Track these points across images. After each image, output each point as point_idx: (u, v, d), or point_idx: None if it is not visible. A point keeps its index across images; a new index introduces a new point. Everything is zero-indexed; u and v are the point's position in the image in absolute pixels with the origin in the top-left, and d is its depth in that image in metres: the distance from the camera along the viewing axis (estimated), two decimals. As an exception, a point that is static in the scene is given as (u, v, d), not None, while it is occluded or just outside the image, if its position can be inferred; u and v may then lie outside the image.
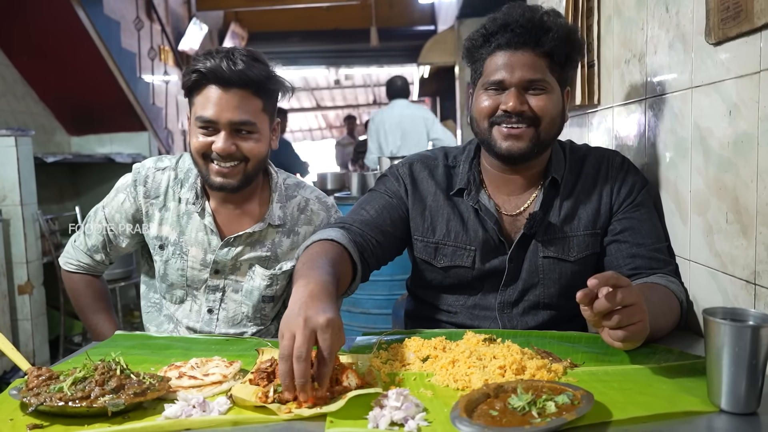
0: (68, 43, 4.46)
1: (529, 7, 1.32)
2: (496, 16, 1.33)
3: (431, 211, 1.44)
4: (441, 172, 1.47)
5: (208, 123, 1.40)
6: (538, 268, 1.39)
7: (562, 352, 1.15)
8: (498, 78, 1.30)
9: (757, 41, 1.04)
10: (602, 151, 1.46)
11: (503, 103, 1.30)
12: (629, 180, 1.40)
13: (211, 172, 1.44)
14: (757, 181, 1.06)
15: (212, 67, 1.38)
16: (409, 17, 10.48)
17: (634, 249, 1.34)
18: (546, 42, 1.28)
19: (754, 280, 1.08)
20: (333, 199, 1.66)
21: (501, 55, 1.30)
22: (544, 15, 1.30)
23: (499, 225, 1.40)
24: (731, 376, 0.86)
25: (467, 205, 1.42)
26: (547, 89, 1.31)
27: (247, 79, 1.39)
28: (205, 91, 1.40)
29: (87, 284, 1.67)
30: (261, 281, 1.55)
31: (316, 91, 15.20)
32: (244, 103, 1.40)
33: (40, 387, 0.97)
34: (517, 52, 1.29)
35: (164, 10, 7.11)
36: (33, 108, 4.66)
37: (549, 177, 1.39)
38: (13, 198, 3.39)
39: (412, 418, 0.86)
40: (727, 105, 1.14)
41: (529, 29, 1.28)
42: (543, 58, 1.30)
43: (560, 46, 1.30)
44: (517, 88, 1.29)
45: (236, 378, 1.06)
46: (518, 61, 1.29)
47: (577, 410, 0.83)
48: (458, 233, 1.42)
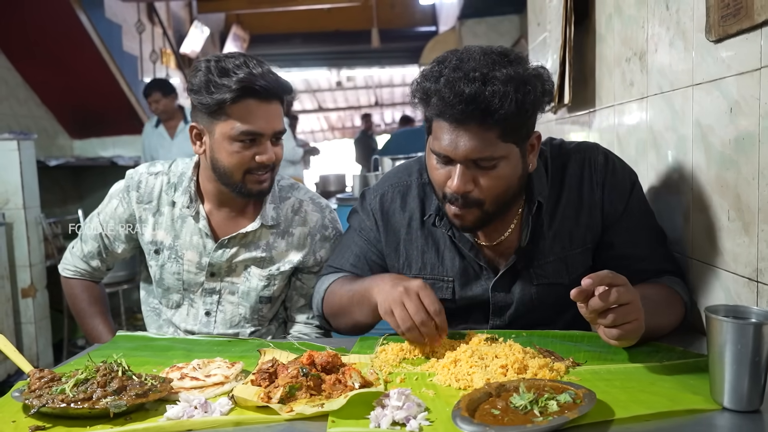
0: (70, 46, 4.48)
1: (473, 73, 1.10)
2: (438, 76, 1.13)
3: (405, 246, 1.38)
4: (414, 194, 1.38)
5: (254, 135, 1.41)
6: (532, 296, 1.32)
7: (564, 351, 1.15)
8: (443, 152, 1.16)
9: (757, 38, 1.04)
10: (582, 150, 1.34)
11: (450, 180, 1.18)
12: (617, 183, 1.30)
13: (248, 182, 1.46)
14: (758, 179, 1.05)
15: (252, 79, 1.38)
16: (411, 18, 10.48)
17: (638, 264, 1.28)
18: (494, 119, 1.11)
19: (756, 278, 1.08)
20: (327, 201, 1.67)
21: (445, 126, 1.15)
22: (488, 87, 1.09)
23: (476, 251, 1.32)
24: (734, 373, 0.86)
25: (442, 231, 1.34)
26: (497, 164, 1.16)
27: (281, 89, 1.43)
28: (246, 103, 1.39)
29: (83, 289, 1.68)
30: (258, 282, 1.55)
31: (318, 93, 15.20)
32: (279, 114, 1.46)
33: (42, 389, 0.97)
34: (460, 128, 1.13)
35: (166, 13, 7.13)
36: (35, 112, 4.68)
37: (535, 202, 1.27)
38: (16, 201, 3.39)
39: (414, 418, 0.86)
40: (728, 102, 1.14)
41: (471, 108, 1.10)
42: (492, 130, 1.13)
43: (510, 118, 1.11)
44: (463, 165, 1.16)
45: (238, 379, 1.06)
46: (462, 137, 1.13)
47: (579, 409, 0.83)
48: (434, 265, 1.36)
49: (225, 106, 1.39)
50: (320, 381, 0.99)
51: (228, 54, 1.43)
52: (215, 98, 1.38)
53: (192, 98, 1.43)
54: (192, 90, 1.42)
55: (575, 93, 1.99)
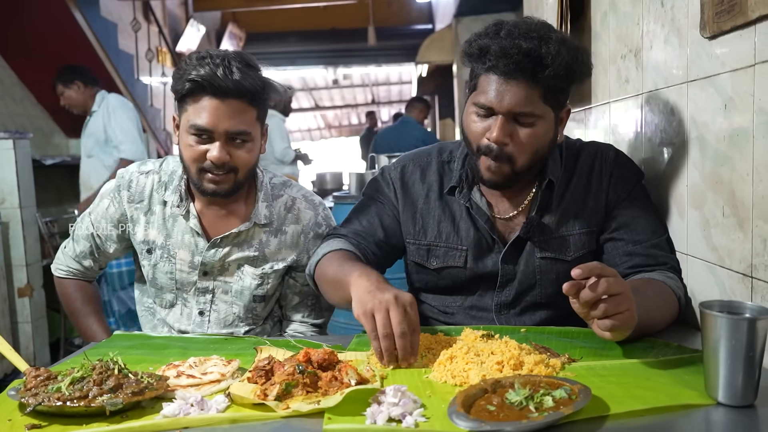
0: (65, 45, 4.47)
1: (530, 32, 1.22)
2: (494, 32, 1.24)
3: (422, 214, 1.44)
4: (434, 170, 1.46)
5: (203, 131, 1.40)
6: (534, 269, 1.37)
7: (559, 347, 1.15)
8: (487, 103, 1.25)
9: (751, 34, 1.04)
10: (595, 145, 1.44)
11: (489, 131, 1.26)
12: (624, 174, 1.38)
13: (203, 180, 1.44)
14: (753, 174, 1.06)
15: (208, 76, 1.35)
16: (407, 16, 10.49)
17: (630, 247, 1.33)
18: (542, 77, 1.21)
19: (750, 273, 1.08)
20: (320, 198, 1.66)
21: (494, 78, 1.24)
22: (543, 45, 1.20)
23: (491, 224, 1.38)
24: (728, 368, 0.86)
25: (459, 204, 1.41)
26: (536, 122, 1.26)
27: (244, 89, 1.38)
28: (200, 99, 1.38)
29: (77, 288, 1.67)
30: (251, 281, 1.55)
31: (315, 91, 15.20)
32: (239, 113, 1.40)
33: (38, 387, 0.97)
34: (510, 81, 1.22)
35: (161, 12, 7.11)
36: (31, 111, 4.66)
37: (546, 179, 1.36)
38: (11, 201, 3.38)
39: (410, 414, 0.86)
40: (723, 98, 1.14)
41: (526, 62, 1.20)
42: (537, 88, 1.23)
43: (557, 79, 1.23)
44: (505, 117, 1.24)
45: (234, 376, 1.06)
46: (510, 89, 1.23)
47: (574, 404, 0.83)
48: (449, 234, 1.41)
49: (186, 99, 1.41)
50: (316, 378, 0.99)
51: (209, 50, 1.42)
52: (176, 88, 1.41)
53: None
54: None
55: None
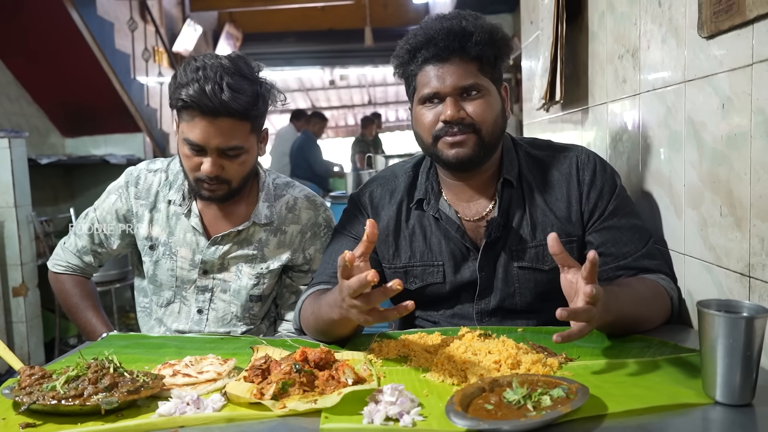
0: (62, 44, 4.44)
1: (446, 16, 1.32)
2: (416, 31, 1.32)
3: (393, 236, 1.42)
4: (402, 188, 1.45)
5: (195, 146, 1.40)
6: (512, 278, 1.37)
7: (557, 346, 1.14)
8: (432, 91, 1.30)
9: (749, 34, 1.04)
10: (567, 149, 1.42)
11: (442, 114, 1.29)
12: (597, 183, 1.35)
13: (200, 187, 1.46)
14: (750, 174, 1.06)
15: (197, 97, 1.34)
16: (404, 17, 10.48)
17: (620, 261, 1.31)
18: (471, 47, 1.28)
19: (748, 273, 1.08)
20: (323, 199, 1.66)
21: (430, 68, 1.30)
22: (462, 21, 1.30)
23: (462, 231, 1.37)
24: (726, 367, 0.86)
25: (428, 216, 1.40)
26: (482, 92, 1.30)
27: (233, 110, 1.36)
28: (192, 116, 1.38)
29: (75, 284, 1.67)
30: (248, 280, 1.55)
31: (311, 92, 15.18)
32: (230, 130, 1.39)
33: (32, 386, 0.96)
34: (446, 63, 1.29)
35: (158, 11, 7.10)
36: (27, 110, 4.64)
37: (500, 179, 1.37)
38: (7, 200, 3.37)
39: (407, 413, 0.85)
40: (721, 98, 1.14)
41: (452, 39, 1.28)
42: (472, 62, 1.29)
43: (486, 48, 1.29)
44: (452, 97, 1.29)
45: (230, 375, 1.06)
46: (448, 71, 1.29)
47: (572, 403, 0.83)
48: (423, 251, 1.40)
49: (179, 110, 1.41)
50: (313, 377, 0.99)
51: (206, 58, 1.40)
52: (171, 99, 1.42)
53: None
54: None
55: (568, 90, 1.99)
